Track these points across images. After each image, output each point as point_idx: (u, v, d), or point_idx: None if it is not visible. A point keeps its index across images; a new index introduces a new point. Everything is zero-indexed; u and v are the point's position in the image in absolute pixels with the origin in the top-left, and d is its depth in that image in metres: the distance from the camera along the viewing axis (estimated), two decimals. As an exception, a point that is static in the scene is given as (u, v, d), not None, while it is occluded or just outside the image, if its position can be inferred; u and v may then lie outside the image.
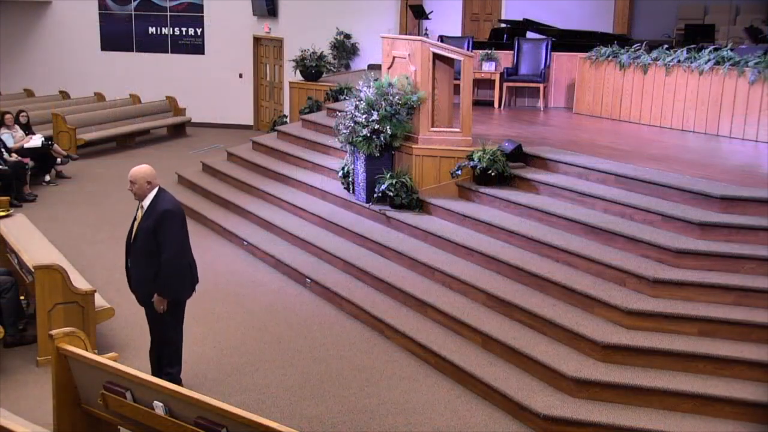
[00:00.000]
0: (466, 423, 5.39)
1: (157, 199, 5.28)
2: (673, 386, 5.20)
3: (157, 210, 5.23)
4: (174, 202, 5.34)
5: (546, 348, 5.71)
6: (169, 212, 5.22)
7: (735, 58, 9.02)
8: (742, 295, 5.68)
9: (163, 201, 5.28)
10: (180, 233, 5.28)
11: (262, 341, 6.64)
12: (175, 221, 5.25)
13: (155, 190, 5.32)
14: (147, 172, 5.30)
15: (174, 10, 17.53)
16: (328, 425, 5.33)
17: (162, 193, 5.33)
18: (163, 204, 5.26)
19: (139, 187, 5.28)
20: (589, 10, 14.71)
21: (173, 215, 5.24)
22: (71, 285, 6.07)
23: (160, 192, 5.33)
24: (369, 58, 15.49)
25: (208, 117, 17.54)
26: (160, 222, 5.20)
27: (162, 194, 5.32)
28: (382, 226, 8.11)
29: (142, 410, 4.12)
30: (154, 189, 5.31)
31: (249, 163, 11.05)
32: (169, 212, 5.23)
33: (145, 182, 5.27)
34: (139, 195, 5.31)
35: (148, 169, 5.34)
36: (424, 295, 6.77)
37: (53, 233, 8.70)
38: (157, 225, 5.20)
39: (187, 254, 5.44)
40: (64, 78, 17.59)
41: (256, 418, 3.62)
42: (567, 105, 11.58)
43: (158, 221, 5.20)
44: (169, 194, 5.38)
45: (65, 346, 4.48)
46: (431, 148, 8.21)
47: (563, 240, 6.62)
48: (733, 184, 6.67)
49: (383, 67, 8.78)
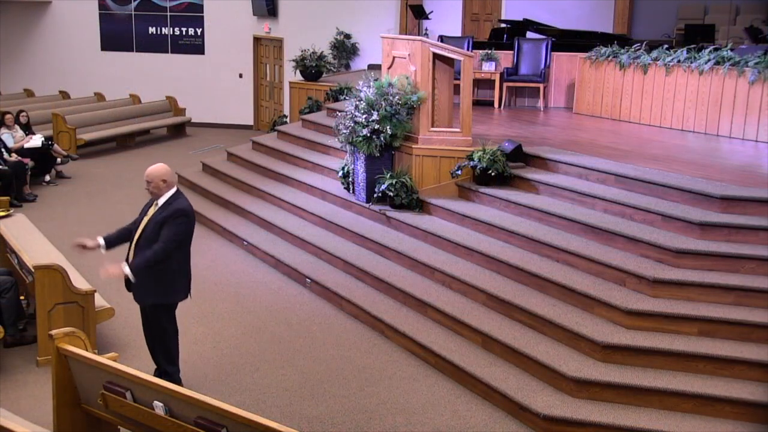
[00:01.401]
0: (466, 423, 5.39)
1: (175, 197, 5.31)
2: (673, 386, 5.20)
3: (173, 206, 5.25)
4: (190, 206, 5.36)
5: (546, 348, 5.71)
6: (184, 212, 5.25)
7: (735, 58, 9.02)
8: (742, 295, 5.67)
9: (182, 200, 5.32)
10: (183, 236, 5.28)
11: (262, 341, 6.64)
12: (186, 223, 5.27)
13: (173, 190, 5.33)
14: (162, 171, 5.30)
15: (174, 10, 17.53)
16: (328, 425, 5.33)
17: (180, 194, 5.37)
18: (182, 203, 5.29)
19: (155, 186, 5.29)
20: (589, 10, 14.71)
21: (187, 217, 5.27)
22: (71, 285, 6.07)
23: (178, 192, 5.36)
24: (369, 58, 15.50)
25: (208, 117, 17.55)
26: (173, 217, 5.21)
27: (180, 195, 5.36)
28: (382, 226, 8.11)
29: (142, 410, 4.12)
30: (171, 189, 5.32)
31: (249, 163, 11.05)
32: (185, 212, 5.25)
33: (160, 180, 5.28)
34: (155, 194, 5.33)
35: (163, 168, 5.34)
36: (424, 295, 6.77)
37: (53, 233, 8.70)
38: (168, 219, 5.21)
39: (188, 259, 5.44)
40: (64, 78, 17.59)
41: (256, 418, 3.62)
42: (567, 105, 11.58)
43: (171, 216, 5.21)
44: (185, 197, 5.39)
45: (65, 346, 4.48)
46: (431, 148, 8.21)
47: (563, 240, 6.62)
48: (733, 184, 6.67)
49: (383, 67, 8.78)
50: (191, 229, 5.35)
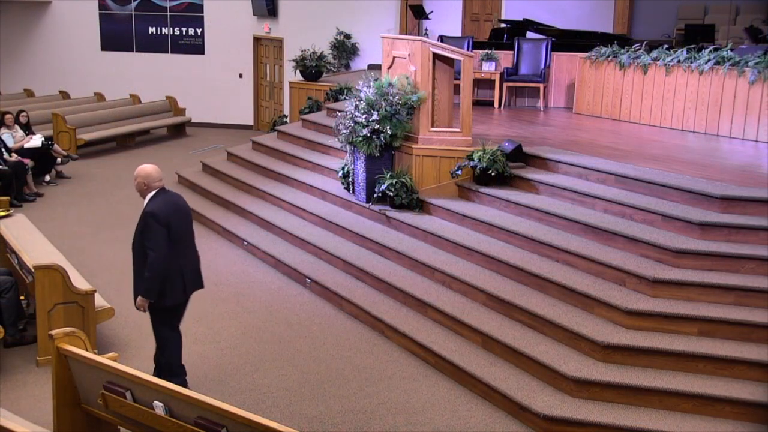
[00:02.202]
0: (466, 423, 5.39)
1: (152, 199, 5.27)
2: (673, 386, 5.20)
3: (144, 210, 5.23)
4: (160, 205, 5.22)
5: (546, 348, 5.71)
6: (149, 214, 5.17)
7: (735, 58, 9.02)
8: (742, 295, 5.68)
9: (154, 202, 5.24)
10: (157, 238, 5.14)
11: (262, 341, 6.64)
12: (153, 225, 5.15)
13: (153, 192, 5.28)
14: (145, 172, 5.29)
15: (174, 10, 17.53)
16: (328, 425, 5.33)
17: (158, 195, 5.28)
18: (151, 205, 5.22)
19: (137, 185, 5.31)
20: (589, 10, 14.71)
21: (153, 218, 5.15)
22: (71, 285, 6.07)
23: (157, 194, 5.28)
24: (369, 58, 15.49)
25: (208, 117, 17.55)
26: (142, 222, 5.22)
27: (157, 196, 5.27)
28: (382, 226, 8.11)
29: (142, 410, 4.12)
30: (152, 191, 5.28)
31: (249, 163, 11.05)
32: (149, 214, 5.17)
33: (142, 182, 5.28)
34: (140, 193, 5.34)
35: (149, 169, 5.31)
36: (424, 295, 6.77)
37: (53, 233, 8.71)
38: (139, 224, 5.24)
39: (176, 260, 5.29)
40: (64, 78, 17.59)
41: (256, 418, 3.62)
42: (567, 105, 11.58)
43: (141, 220, 5.24)
44: (165, 197, 5.30)
45: (65, 346, 4.48)
46: (431, 148, 8.21)
47: (563, 240, 6.62)
48: (733, 184, 6.67)
49: (383, 67, 8.78)
50: (162, 229, 5.16)
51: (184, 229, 5.40)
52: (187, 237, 5.45)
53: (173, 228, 5.24)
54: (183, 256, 5.38)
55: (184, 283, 5.40)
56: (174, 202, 5.36)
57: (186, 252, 5.43)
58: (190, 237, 5.48)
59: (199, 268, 5.59)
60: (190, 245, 5.49)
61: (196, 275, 5.54)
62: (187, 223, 5.45)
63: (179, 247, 5.32)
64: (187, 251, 5.44)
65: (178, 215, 5.32)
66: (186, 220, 5.44)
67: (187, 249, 5.45)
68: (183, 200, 5.50)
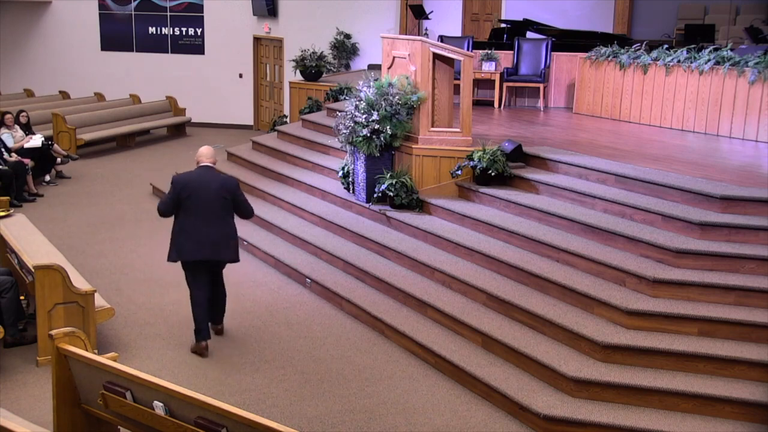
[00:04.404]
0: (466, 423, 5.39)
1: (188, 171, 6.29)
2: (673, 386, 5.21)
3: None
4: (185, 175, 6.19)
5: (546, 348, 5.71)
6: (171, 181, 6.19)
7: (735, 58, 9.02)
8: (742, 295, 5.68)
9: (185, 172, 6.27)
10: (167, 196, 6.14)
11: (261, 341, 6.64)
12: (170, 186, 6.15)
13: (197, 166, 6.23)
14: (199, 152, 6.27)
15: (174, 10, 17.53)
16: (328, 425, 5.33)
17: (197, 169, 6.18)
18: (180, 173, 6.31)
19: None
20: (589, 10, 14.72)
21: (172, 181, 6.16)
22: (71, 285, 6.06)
23: (197, 168, 6.19)
24: (369, 58, 15.49)
25: (208, 117, 17.55)
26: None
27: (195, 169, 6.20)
28: (382, 226, 8.11)
29: (142, 410, 4.12)
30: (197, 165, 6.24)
31: (249, 163, 11.05)
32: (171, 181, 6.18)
33: (196, 159, 6.25)
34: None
35: (202, 149, 6.27)
36: (424, 295, 6.77)
37: (53, 233, 8.71)
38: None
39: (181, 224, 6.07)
40: (64, 78, 17.59)
41: (256, 418, 3.62)
42: (567, 105, 11.58)
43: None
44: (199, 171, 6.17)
45: (65, 346, 4.47)
46: (431, 148, 8.21)
47: (563, 240, 6.62)
48: (733, 184, 6.67)
49: (383, 67, 8.78)
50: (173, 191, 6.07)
51: (199, 202, 6.01)
52: (200, 210, 6.02)
53: (184, 196, 6.02)
54: (190, 224, 6.04)
55: (180, 245, 6.08)
56: (203, 178, 6.10)
57: (195, 222, 6.02)
58: (205, 211, 6.04)
59: (204, 241, 6.06)
60: (205, 218, 6.04)
61: (197, 245, 6.06)
62: (206, 198, 6.04)
63: (188, 215, 6.03)
64: (196, 222, 6.02)
65: (196, 188, 6.04)
66: (205, 194, 6.03)
67: (197, 220, 6.02)
68: (220, 181, 6.17)
